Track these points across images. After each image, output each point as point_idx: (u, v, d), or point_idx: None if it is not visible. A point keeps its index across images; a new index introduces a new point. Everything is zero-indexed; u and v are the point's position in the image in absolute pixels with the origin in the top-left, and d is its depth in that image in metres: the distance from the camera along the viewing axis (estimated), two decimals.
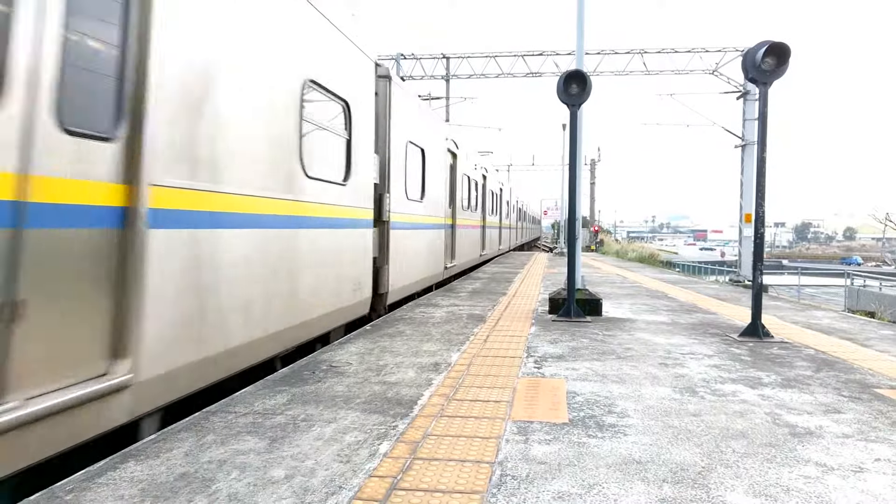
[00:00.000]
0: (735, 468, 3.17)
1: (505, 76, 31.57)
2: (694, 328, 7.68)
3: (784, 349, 6.39)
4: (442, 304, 9.76)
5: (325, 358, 5.62)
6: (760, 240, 7.07)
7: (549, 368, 5.35)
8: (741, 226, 27.47)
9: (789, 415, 4.11)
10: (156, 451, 3.30)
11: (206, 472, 3.02)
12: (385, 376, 4.97)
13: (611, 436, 3.63)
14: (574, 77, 8.21)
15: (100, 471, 3.02)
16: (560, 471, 3.09)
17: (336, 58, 6.79)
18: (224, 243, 4.57)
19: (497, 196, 25.88)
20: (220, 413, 3.96)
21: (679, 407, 4.24)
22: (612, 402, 4.35)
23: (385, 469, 3.09)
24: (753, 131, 24.48)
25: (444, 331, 7.17)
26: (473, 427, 3.76)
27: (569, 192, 8.69)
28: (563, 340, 6.67)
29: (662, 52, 29.47)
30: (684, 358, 5.86)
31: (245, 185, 4.82)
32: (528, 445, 3.45)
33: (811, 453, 3.40)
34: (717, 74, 28.58)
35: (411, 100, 10.70)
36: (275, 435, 3.57)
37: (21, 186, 2.93)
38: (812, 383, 4.97)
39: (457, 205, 15.78)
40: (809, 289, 29.85)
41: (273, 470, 3.06)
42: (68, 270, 3.25)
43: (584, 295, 8.74)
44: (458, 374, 5.10)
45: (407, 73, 31.14)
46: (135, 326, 3.62)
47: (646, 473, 3.07)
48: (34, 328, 3.03)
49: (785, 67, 6.77)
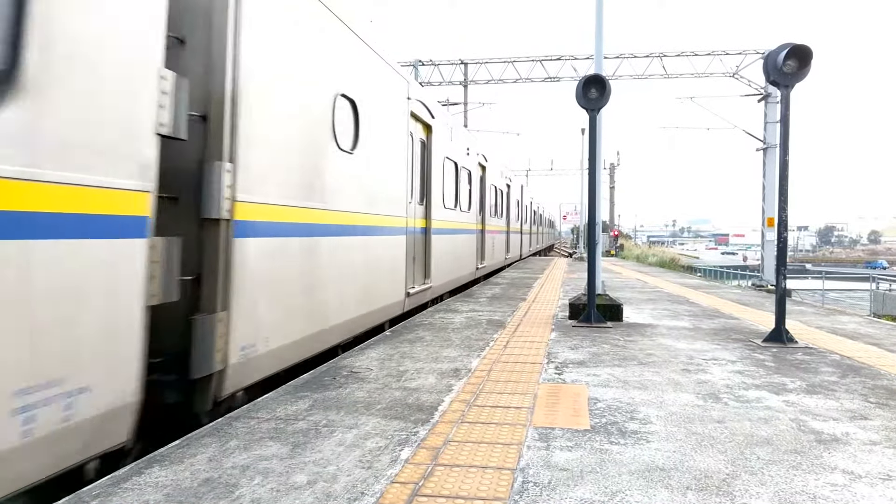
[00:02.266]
0: (760, 475, 3.13)
1: (523, 81, 31.59)
2: (716, 333, 7.61)
3: (808, 355, 6.31)
4: (461, 309, 9.76)
5: (345, 364, 5.64)
6: (783, 244, 6.99)
7: (570, 374, 5.32)
8: (763, 230, 27.21)
9: (815, 421, 4.06)
10: (180, 456, 3.33)
11: (229, 477, 3.05)
12: (405, 382, 4.98)
13: (633, 442, 3.60)
14: (593, 81, 8.19)
15: (125, 476, 3.05)
16: (582, 478, 3.07)
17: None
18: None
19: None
20: (242, 419, 3.98)
21: (702, 413, 4.20)
22: (634, 408, 4.32)
23: (407, 475, 3.09)
24: (775, 134, 24.27)
25: (464, 336, 7.17)
26: (494, 433, 3.75)
27: (588, 197, 8.66)
28: (584, 346, 6.64)
29: (682, 55, 29.32)
30: (707, 364, 5.80)
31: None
32: (550, 452, 3.43)
33: (838, 460, 3.36)
34: (737, 77, 28.39)
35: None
36: (297, 440, 3.58)
37: (413, 222, 8.10)
38: (838, 389, 4.90)
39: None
40: (834, 293, 29.47)
41: (295, 475, 3.07)
42: (419, 248, 8.54)
43: (605, 300, 8.70)
44: (479, 379, 5.09)
45: (425, 79, 31.23)
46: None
47: (669, 481, 3.05)
48: (417, 266, 8.17)
49: (807, 70, 6.71)
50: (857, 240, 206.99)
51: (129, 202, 3.37)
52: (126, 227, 3.36)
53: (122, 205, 3.33)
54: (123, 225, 3.34)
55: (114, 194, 3.26)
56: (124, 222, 3.35)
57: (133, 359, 3.46)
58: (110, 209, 3.25)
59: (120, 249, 3.34)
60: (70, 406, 3.02)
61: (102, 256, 3.21)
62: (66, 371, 3.00)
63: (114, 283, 3.30)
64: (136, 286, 3.46)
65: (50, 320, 2.91)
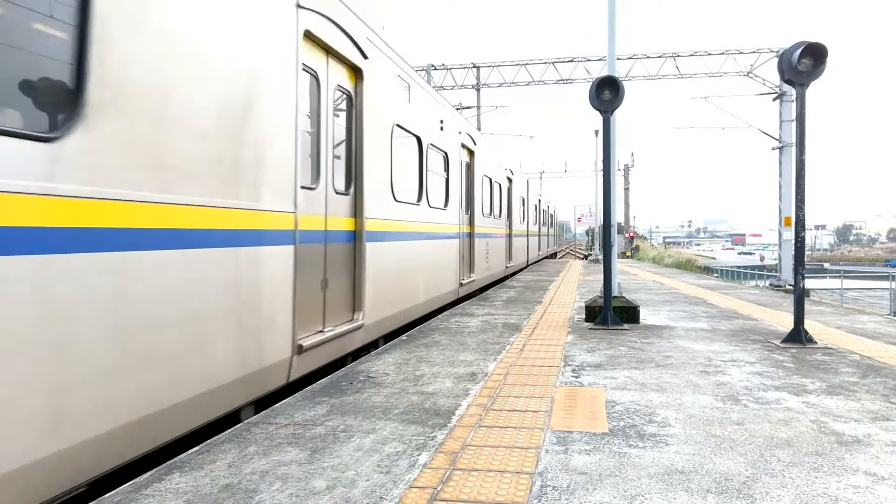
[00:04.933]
0: (781, 478, 3.10)
1: (536, 84, 31.55)
2: (734, 335, 7.55)
3: (828, 355, 6.25)
4: (477, 313, 9.75)
5: (362, 369, 5.65)
6: (801, 243, 6.93)
7: (588, 377, 5.31)
8: (781, 229, 26.98)
9: (836, 422, 4.02)
10: (200, 462, 3.35)
11: (249, 483, 3.07)
12: (422, 386, 4.98)
13: (652, 445, 3.58)
14: (606, 83, 8.17)
15: (146, 482, 3.08)
16: (601, 481, 3.06)
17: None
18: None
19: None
20: (261, 424, 4.01)
21: (721, 415, 4.17)
22: (652, 410, 4.30)
23: (425, 480, 3.10)
24: (791, 133, 24.09)
25: (480, 340, 7.16)
26: (512, 437, 3.75)
27: (603, 199, 8.63)
28: (601, 349, 6.61)
29: (695, 54, 29.19)
30: (725, 365, 5.76)
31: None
32: (568, 456, 3.43)
33: (860, 462, 3.32)
34: (752, 76, 28.20)
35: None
36: (315, 446, 3.60)
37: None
38: (858, 390, 4.85)
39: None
40: (853, 292, 29.11)
41: (314, 481, 3.09)
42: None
43: (621, 302, 8.66)
44: (496, 383, 5.09)
45: (438, 83, 31.30)
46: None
47: (689, 484, 3.03)
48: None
49: (822, 68, 6.66)
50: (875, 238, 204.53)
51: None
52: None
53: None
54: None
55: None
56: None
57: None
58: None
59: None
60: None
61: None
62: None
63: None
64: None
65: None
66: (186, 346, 3.75)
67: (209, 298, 3.96)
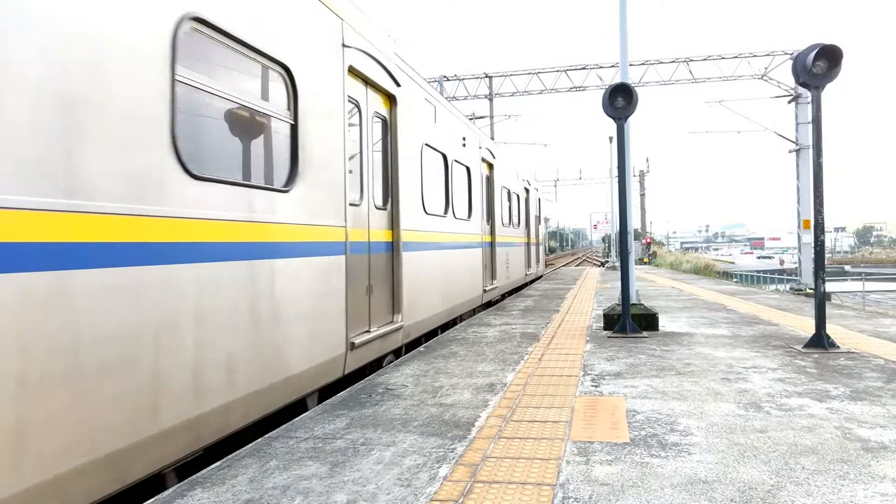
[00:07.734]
0: (806, 486, 3.06)
1: (548, 92, 31.54)
2: (755, 340, 7.48)
3: (851, 360, 6.17)
4: (494, 323, 9.74)
5: (381, 381, 5.66)
6: (821, 247, 6.86)
7: (607, 386, 5.27)
8: (800, 232, 26.66)
9: (861, 429, 3.96)
10: (221, 477, 3.37)
11: (270, 498, 3.07)
12: (441, 398, 4.98)
13: (674, 455, 3.55)
14: (620, 90, 8.16)
15: (168, 499, 3.10)
16: (623, 492, 3.04)
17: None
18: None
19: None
20: (281, 439, 4.02)
21: (744, 423, 4.13)
22: (673, 419, 4.26)
23: (446, 493, 3.09)
24: (807, 135, 23.88)
25: (498, 350, 7.15)
26: (532, 448, 3.73)
27: (619, 206, 8.60)
28: (620, 357, 6.57)
29: (709, 59, 29.05)
30: (747, 372, 5.71)
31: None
32: (590, 466, 3.40)
33: (887, 469, 3.27)
34: (766, 79, 28.00)
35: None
36: (335, 459, 3.61)
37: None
38: (883, 395, 4.78)
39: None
40: (875, 295, 28.74)
41: (335, 495, 3.09)
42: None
43: (640, 310, 8.61)
44: (515, 394, 5.07)
45: (450, 93, 31.39)
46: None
47: (713, 493, 3.00)
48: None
49: (837, 70, 6.60)
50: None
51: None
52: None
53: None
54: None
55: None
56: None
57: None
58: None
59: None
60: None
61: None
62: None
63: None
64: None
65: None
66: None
67: (303, 300, 5.00)
